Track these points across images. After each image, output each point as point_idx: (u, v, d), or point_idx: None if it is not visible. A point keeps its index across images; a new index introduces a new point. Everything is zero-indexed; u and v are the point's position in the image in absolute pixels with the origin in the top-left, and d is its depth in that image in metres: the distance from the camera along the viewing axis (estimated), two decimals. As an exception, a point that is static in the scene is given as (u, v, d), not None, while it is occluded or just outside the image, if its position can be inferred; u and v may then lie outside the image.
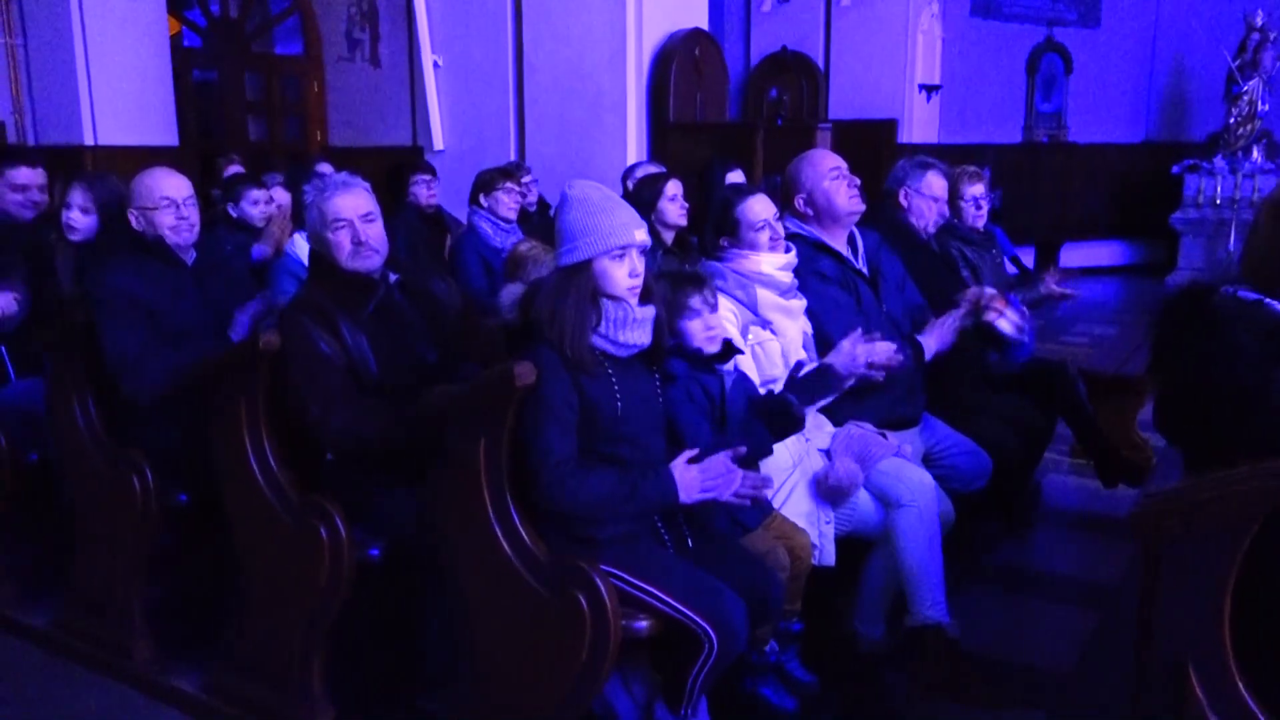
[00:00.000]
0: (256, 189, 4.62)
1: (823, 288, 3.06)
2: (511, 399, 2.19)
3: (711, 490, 2.29)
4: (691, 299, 2.54)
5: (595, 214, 2.28)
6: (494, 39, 7.51)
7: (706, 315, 2.55)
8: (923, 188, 3.69)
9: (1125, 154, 11.54)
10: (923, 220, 3.71)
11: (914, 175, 3.70)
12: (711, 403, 2.52)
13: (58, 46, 7.08)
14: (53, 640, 3.23)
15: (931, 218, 3.73)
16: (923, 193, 3.69)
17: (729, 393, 2.56)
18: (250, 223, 4.53)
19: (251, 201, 4.57)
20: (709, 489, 2.29)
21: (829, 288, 3.07)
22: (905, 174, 3.72)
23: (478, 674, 2.40)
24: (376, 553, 2.61)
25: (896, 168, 3.79)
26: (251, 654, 2.78)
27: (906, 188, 3.70)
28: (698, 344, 2.55)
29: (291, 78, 9.22)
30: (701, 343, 2.55)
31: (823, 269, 3.09)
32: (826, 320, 3.01)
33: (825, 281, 3.07)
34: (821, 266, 3.09)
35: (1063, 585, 3.69)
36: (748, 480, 2.33)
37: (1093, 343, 7.06)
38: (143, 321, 2.96)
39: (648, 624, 2.26)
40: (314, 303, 2.65)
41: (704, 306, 2.55)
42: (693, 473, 2.29)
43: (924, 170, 3.71)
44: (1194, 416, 2.03)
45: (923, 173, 3.70)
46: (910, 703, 2.88)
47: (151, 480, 2.93)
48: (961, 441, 3.27)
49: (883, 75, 9.90)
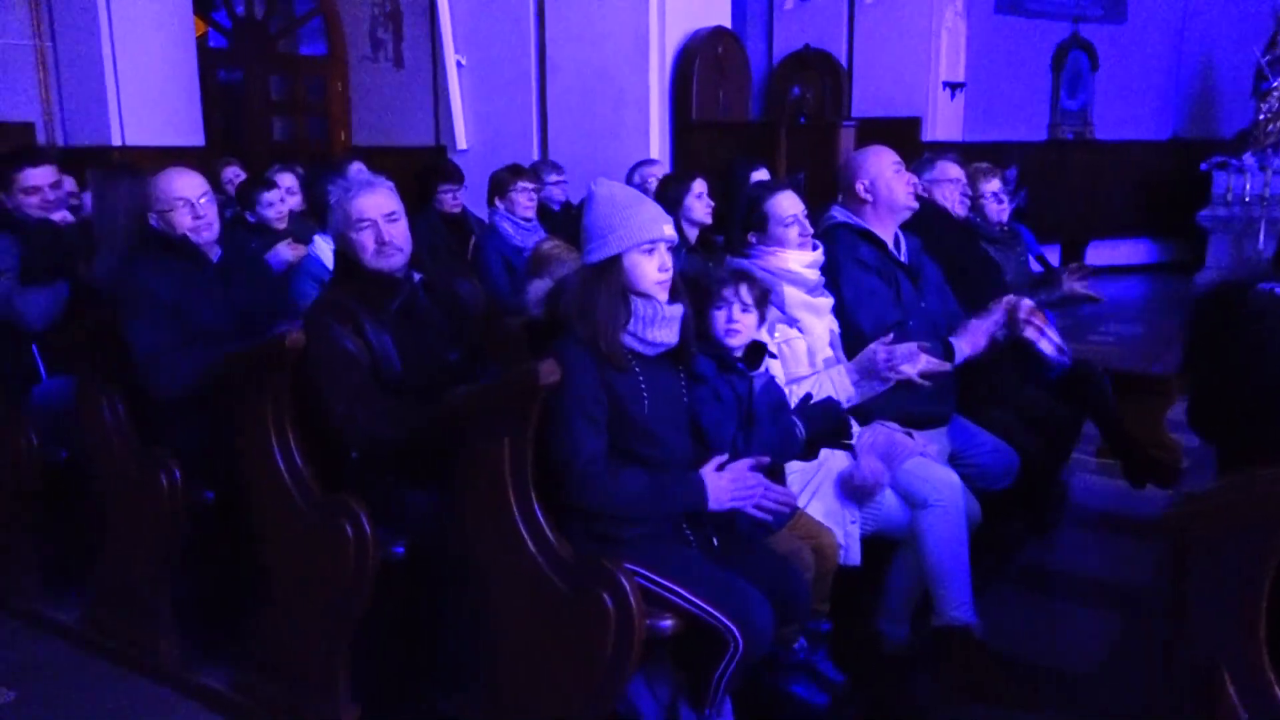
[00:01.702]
0: (267, 190, 4.55)
1: (861, 275, 3.06)
2: (535, 398, 2.19)
3: (739, 500, 2.33)
4: (725, 289, 2.53)
5: (622, 210, 2.28)
6: (516, 38, 7.51)
7: (735, 310, 2.53)
8: (937, 175, 3.75)
9: (1152, 151, 11.40)
10: (949, 202, 3.76)
11: (925, 169, 3.76)
12: (739, 403, 2.51)
13: (86, 48, 7.15)
14: (80, 636, 3.26)
15: (956, 198, 3.78)
16: (939, 179, 3.74)
17: (757, 395, 2.54)
18: (269, 225, 4.51)
19: (265, 205, 4.50)
20: (737, 498, 2.33)
21: (867, 276, 3.07)
22: (917, 174, 3.73)
23: (500, 673, 2.40)
24: (401, 551, 2.62)
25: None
26: (276, 651, 2.79)
27: (923, 182, 3.71)
28: (718, 334, 2.53)
29: (315, 78, 9.26)
30: (720, 334, 2.53)
31: (863, 256, 3.10)
32: (859, 309, 3.01)
33: (864, 269, 3.08)
34: (862, 254, 3.10)
35: (1090, 586, 3.66)
36: (771, 494, 2.36)
37: (1120, 342, 6.99)
38: (168, 320, 2.97)
39: (672, 623, 2.24)
40: (338, 302, 2.66)
41: (734, 300, 2.53)
42: (723, 480, 2.33)
43: (931, 162, 3.77)
44: (1229, 414, 2.01)
45: (931, 164, 3.77)
46: (936, 704, 2.86)
47: (179, 478, 2.95)
48: (988, 440, 3.24)
49: (906, 72, 9.83)
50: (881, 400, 2.92)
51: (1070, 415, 3.84)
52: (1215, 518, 1.62)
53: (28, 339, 3.55)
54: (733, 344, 2.54)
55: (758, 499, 2.34)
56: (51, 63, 7.33)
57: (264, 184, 4.65)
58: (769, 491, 2.36)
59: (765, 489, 2.36)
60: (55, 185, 3.67)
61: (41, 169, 3.62)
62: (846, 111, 9.59)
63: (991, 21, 10.59)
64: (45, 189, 3.63)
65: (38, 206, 3.62)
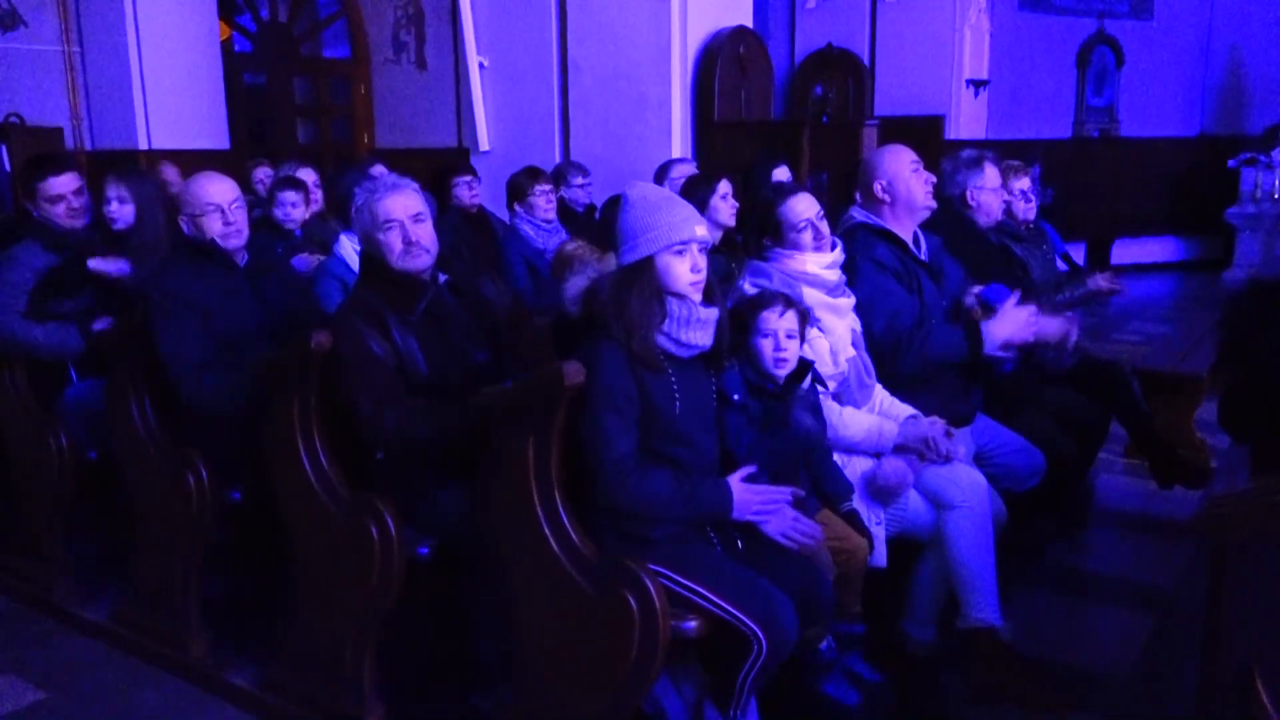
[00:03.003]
0: (290, 190, 4.50)
1: (876, 275, 3.05)
2: (560, 398, 2.20)
3: (762, 516, 2.38)
4: (768, 317, 2.55)
5: (655, 211, 2.30)
6: (539, 40, 7.53)
7: (781, 338, 2.55)
8: (985, 182, 3.69)
9: (1179, 148, 11.28)
10: (990, 216, 3.73)
11: (974, 173, 3.69)
12: (766, 414, 2.53)
13: (113, 53, 7.24)
14: (111, 635, 3.30)
15: (998, 209, 3.75)
16: (985, 187, 3.69)
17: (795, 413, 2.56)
18: (281, 226, 4.44)
19: (280, 204, 4.45)
20: (760, 513, 2.37)
21: (883, 276, 3.06)
22: (964, 175, 3.70)
23: (528, 672, 2.41)
24: (425, 551, 2.63)
25: (946, 171, 3.75)
26: (304, 650, 2.81)
27: (971, 189, 3.68)
28: (766, 365, 2.56)
29: (339, 80, 9.33)
30: (769, 366, 2.55)
31: (880, 256, 3.09)
32: (872, 309, 3.00)
33: (880, 269, 3.07)
34: (879, 254, 3.09)
35: (1118, 587, 3.63)
36: (799, 525, 2.40)
37: (1147, 340, 6.92)
38: (199, 325, 3.01)
39: (696, 624, 2.25)
40: (365, 303, 2.68)
41: (779, 329, 2.55)
42: (750, 493, 2.36)
43: (980, 166, 3.70)
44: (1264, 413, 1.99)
45: (980, 169, 3.69)
46: (963, 706, 2.84)
47: (206, 477, 2.97)
48: (1014, 440, 3.22)
49: (929, 71, 9.78)
50: (901, 399, 2.92)
51: (1098, 415, 3.81)
52: (1249, 519, 1.60)
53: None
54: (780, 374, 2.56)
55: (783, 526, 2.39)
56: (79, 68, 7.43)
57: (286, 182, 4.60)
58: (798, 523, 2.40)
59: (795, 519, 2.40)
60: (78, 193, 3.62)
61: (64, 177, 3.58)
62: (869, 110, 9.55)
63: (1016, 18, 10.52)
64: (69, 196, 3.58)
65: (65, 215, 3.58)
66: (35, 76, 7.30)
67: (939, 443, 2.78)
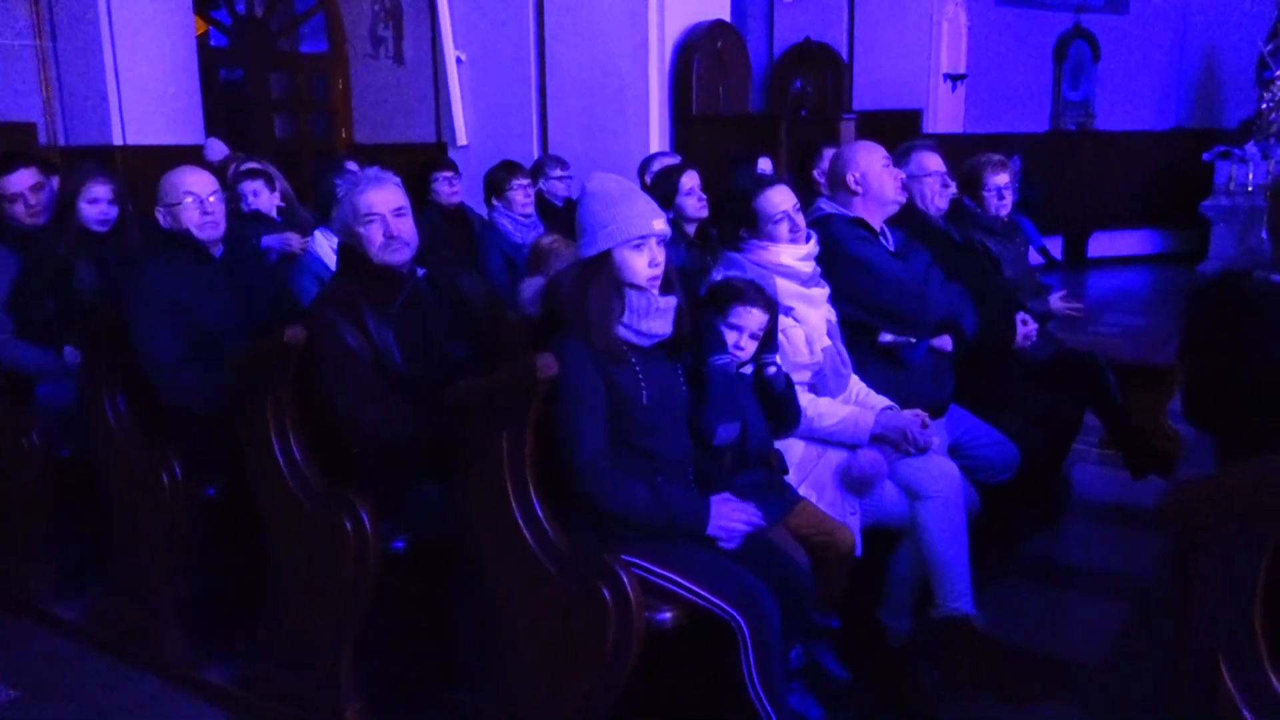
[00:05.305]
0: (248, 180, 4.51)
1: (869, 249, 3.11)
2: (534, 392, 2.20)
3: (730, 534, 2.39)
4: (739, 313, 2.58)
5: (613, 205, 2.31)
6: (516, 34, 7.50)
7: (744, 338, 2.58)
8: (914, 169, 3.58)
9: (1155, 141, 11.37)
10: (931, 204, 3.63)
11: (903, 162, 3.58)
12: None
13: (86, 48, 7.16)
14: (85, 633, 3.28)
15: (935, 195, 3.63)
16: (918, 174, 3.59)
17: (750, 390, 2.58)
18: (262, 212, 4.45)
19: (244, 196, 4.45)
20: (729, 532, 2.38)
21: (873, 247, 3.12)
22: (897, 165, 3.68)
23: (506, 665, 2.41)
24: (401, 545, 2.63)
25: None
26: (281, 646, 2.80)
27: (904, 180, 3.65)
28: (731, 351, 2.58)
29: (317, 75, 9.26)
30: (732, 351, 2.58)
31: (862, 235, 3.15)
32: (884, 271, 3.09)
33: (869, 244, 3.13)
34: (860, 233, 3.15)
35: (1094, 577, 3.66)
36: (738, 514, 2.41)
37: (1124, 332, 6.98)
38: (174, 321, 2.99)
39: (672, 614, 2.25)
40: (342, 296, 2.68)
41: (745, 328, 2.58)
42: (728, 515, 2.37)
43: (907, 156, 3.62)
44: (1226, 402, 2.01)
45: (907, 159, 3.60)
46: (939, 696, 2.86)
47: (180, 474, 2.96)
48: (989, 433, 3.25)
49: (907, 65, 9.80)
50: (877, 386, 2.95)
51: (1072, 407, 3.84)
52: (1209, 506, 1.62)
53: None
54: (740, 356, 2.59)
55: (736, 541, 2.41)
56: (52, 62, 7.35)
57: (245, 174, 4.60)
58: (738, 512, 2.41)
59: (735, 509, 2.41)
60: (36, 189, 3.53)
61: (18, 174, 3.49)
62: (847, 104, 9.57)
63: (993, 13, 10.56)
64: (26, 194, 3.50)
65: (25, 215, 3.50)
66: (6, 71, 7.22)
67: (914, 434, 2.79)
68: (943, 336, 3.15)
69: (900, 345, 3.07)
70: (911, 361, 3.09)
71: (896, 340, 3.07)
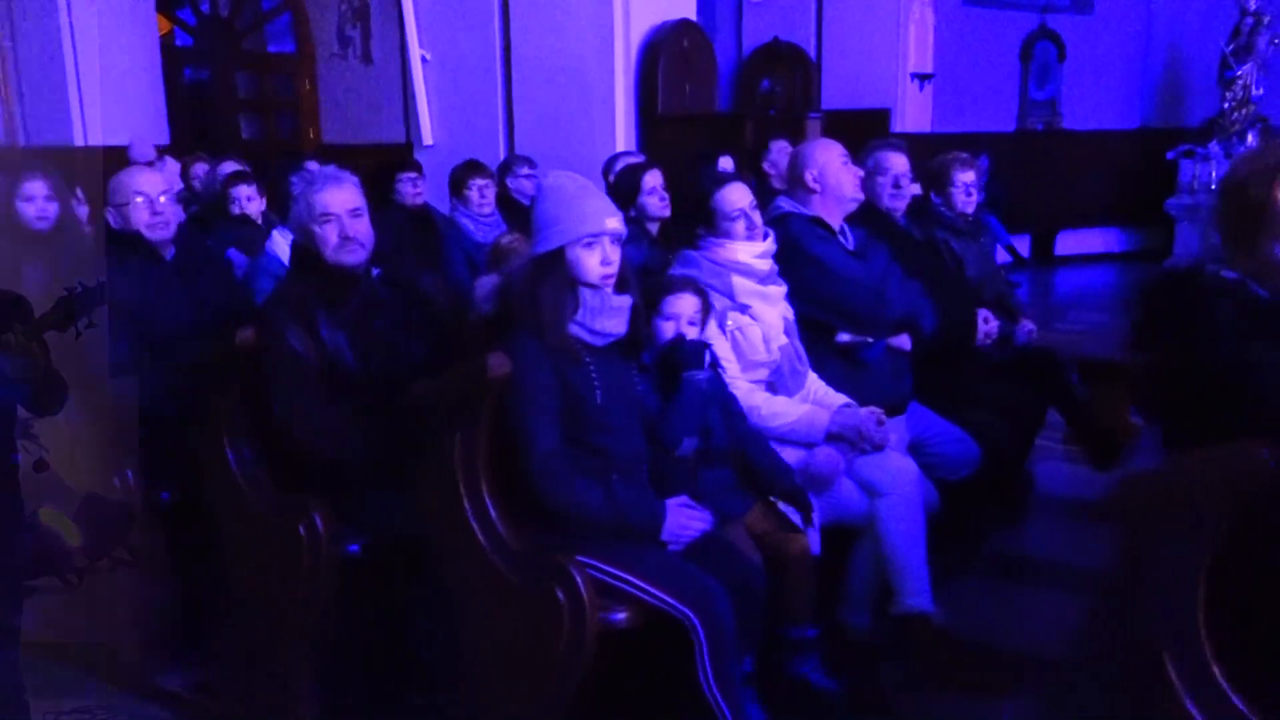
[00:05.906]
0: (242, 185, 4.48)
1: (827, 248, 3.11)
2: (486, 391, 2.19)
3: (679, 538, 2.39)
4: (670, 302, 2.58)
5: (567, 203, 2.31)
6: (482, 33, 7.48)
7: (682, 324, 2.59)
8: (872, 166, 3.58)
9: (1120, 140, 11.46)
10: (888, 203, 3.62)
11: (863, 160, 3.57)
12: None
13: (47, 46, 7.07)
14: (37, 641, 3.21)
15: (886, 195, 3.62)
16: (876, 174, 3.59)
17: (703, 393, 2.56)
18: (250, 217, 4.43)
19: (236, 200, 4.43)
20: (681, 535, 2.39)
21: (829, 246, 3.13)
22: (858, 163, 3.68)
23: (465, 668, 2.41)
24: (356, 549, 2.60)
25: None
26: (237, 652, 2.78)
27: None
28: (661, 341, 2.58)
29: (284, 76, 9.19)
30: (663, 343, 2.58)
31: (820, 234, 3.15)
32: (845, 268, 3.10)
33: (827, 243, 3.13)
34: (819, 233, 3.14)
35: (1056, 572, 3.66)
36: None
37: (1088, 329, 7.04)
38: (129, 325, 2.94)
39: (626, 614, 2.25)
40: (294, 297, 2.65)
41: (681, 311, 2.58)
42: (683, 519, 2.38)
43: (871, 152, 3.63)
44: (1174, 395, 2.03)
45: (870, 154, 3.62)
46: (900, 692, 2.86)
47: (133, 478, 2.91)
48: (949, 430, 3.26)
49: (875, 65, 9.83)
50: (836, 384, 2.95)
51: (1034, 404, 3.86)
52: (1156, 499, 1.63)
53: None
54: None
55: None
56: (11, 62, 7.24)
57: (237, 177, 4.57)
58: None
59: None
60: None
61: None
62: (816, 104, 9.59)
63: (960, 13, 10.61)
64: None
65: None
66: (-36, 71, 7.12)
67: (870, 431, 2.79)
68: (901, 335, 3.15)
69: (857, 345, 3.07)
70: (869, 360, 3.09)
71: (854, 340, 3.07)
